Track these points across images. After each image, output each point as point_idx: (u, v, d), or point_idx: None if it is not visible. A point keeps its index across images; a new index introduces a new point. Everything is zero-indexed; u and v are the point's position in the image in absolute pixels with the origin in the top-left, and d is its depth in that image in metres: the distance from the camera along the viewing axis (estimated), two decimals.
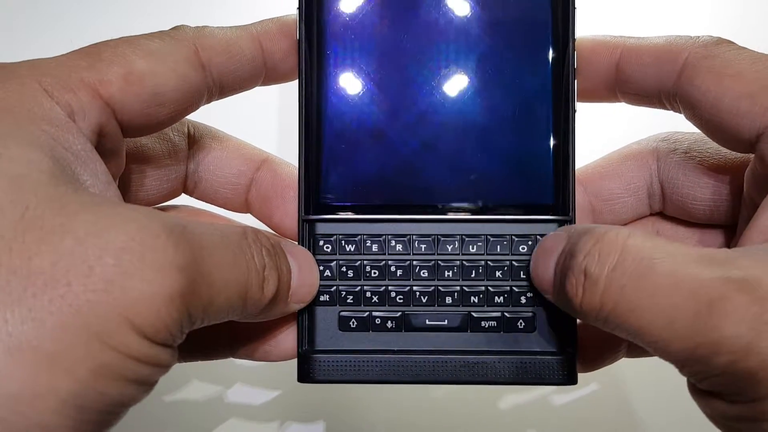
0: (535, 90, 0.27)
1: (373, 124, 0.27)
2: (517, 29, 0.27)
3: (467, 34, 0.27)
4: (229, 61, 0.25)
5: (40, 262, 0.17)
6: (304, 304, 0.26)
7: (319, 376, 0.26)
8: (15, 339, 0.16)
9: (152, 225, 0.19)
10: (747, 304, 0.19)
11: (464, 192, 0.27)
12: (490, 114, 0.27)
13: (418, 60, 0.27)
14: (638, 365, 0.31)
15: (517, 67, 0.27)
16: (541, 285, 0.25)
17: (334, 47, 0.27)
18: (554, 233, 0.25)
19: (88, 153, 0.21)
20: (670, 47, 0.25)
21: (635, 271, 0.21)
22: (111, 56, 0.23)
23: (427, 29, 0.27)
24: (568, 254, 0.23)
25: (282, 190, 0.28)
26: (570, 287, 0.22)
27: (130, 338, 0.18)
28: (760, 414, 0.19)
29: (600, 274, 0.21)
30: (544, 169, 0.27)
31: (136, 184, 0.27)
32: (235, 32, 0.26)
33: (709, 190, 0.27)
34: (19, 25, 0.42)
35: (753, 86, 0.23)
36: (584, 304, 0.22)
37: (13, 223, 0.17)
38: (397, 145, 0.27)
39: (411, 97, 0.27)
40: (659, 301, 0.20)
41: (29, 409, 0.17)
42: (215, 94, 0.26)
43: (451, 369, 0.26)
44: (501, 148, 0.27)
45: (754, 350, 0.19)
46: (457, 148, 0.27)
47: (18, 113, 0.20)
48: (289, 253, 0.25)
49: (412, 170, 0.27)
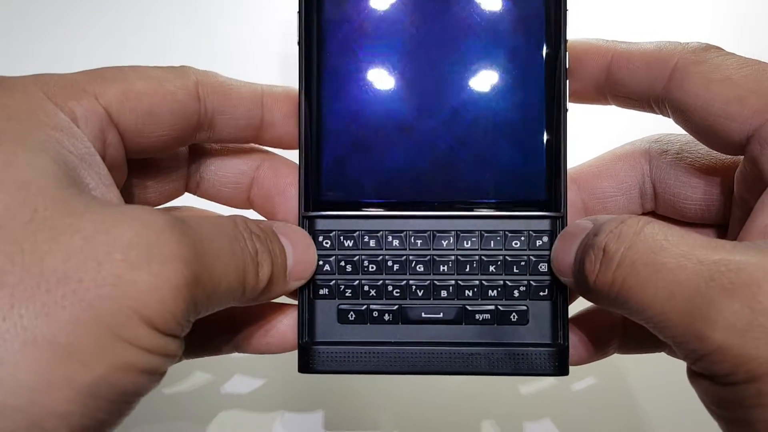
0: (529, 90, 0.27)
1: (371, 123, 0.27)
2: (511, 30, 0.27)
3: (464, 35, 0.27)
4: (226, 102, 0.26)
5: (51, 261, 0.18)
6: (304, 281, 0.27)
7: (318, 366, 0.27)
8: (30, 333, 0.17)
9: (156, 221, 0.19)
10: (745, 285, 0.20)
11: (459, 189, 0.27)
12: (485, 113, 0.27)
13: (414, 60, 0.27)
14: (638, 363, 0.31)
15: (511, 67, 0.27)
16: (561, 268, 0.26)
17: (333, 46, 0.27)
18: (579, 221, 0.26)
19: (91, 156, 0.22)
20: (659, 52, 0.26)
21: (647, 249, 0.22)
22: (113, 76, 0.24)
23: (423, 30, 0.27)
24: (592, 235, 0.24)
25: (283, 187, 0.28)
26: (589, 264, 0.23)
27: (140, 330, 0.18)
28: (748, 398, 0.20)
29: (617, 251, 0.22)
30: (537, 167, 0.27)
31: (139, 185, 0.28)
32: (240, 82, 0.27)
33: (700, 191, 0.28)
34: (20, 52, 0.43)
35: (741, 90, 0.24)
36: (598, 281, 0.23)
37: (23, 225, 0.18)
38: (395, 144, 0.27)
39: (408, 97, 0.27)
40: (664, 277, 0.21)
41: (45, 399, 0.17)
42: (207, 129, 0.26)
43: (447, 360, 0.27)
44: (495, 145, 0.27)
45: (748, 328, 0.19)
46: (452, 146, 0.27)
47: (23, 120, 0.21)
48: (283, 234, 0.25)
49: (409, 168, 0.27)
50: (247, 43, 0.42)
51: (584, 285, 0.24)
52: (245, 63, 0.40)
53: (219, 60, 0.40)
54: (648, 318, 0.22)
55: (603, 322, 0.28)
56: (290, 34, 0.28)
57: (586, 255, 0.23)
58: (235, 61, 0.40)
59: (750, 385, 0.20)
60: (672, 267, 0.21)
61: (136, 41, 0.42)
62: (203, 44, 0.42)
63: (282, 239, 0.25)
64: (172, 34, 0.42)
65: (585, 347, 0.28)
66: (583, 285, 0.24)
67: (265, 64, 0.41)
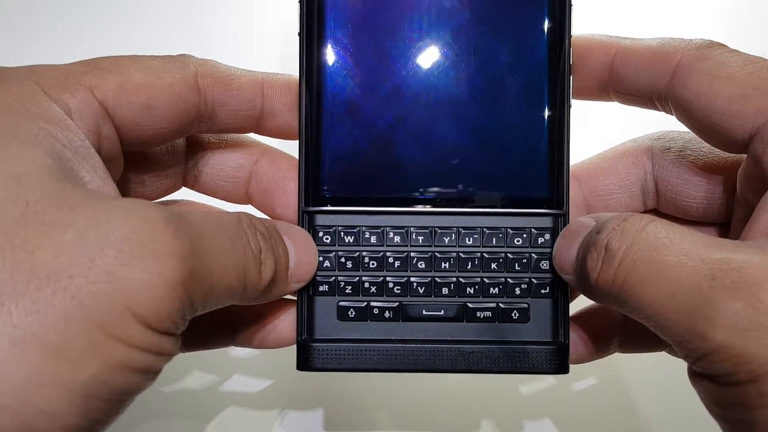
0: (532, 86, 0.27)
1: (372, 117, 0.27)
2: (514, 26, 0.27)
3: (467, 32, 0.27)
4: (227, 93, 0.26)
5: (42, 256, 0.17)
6: (305, 283, 0.27)
7: (317, 364, 0.27)
8: (20, 331, 0.17)
9: (151, 216, 0.19)
10: (747, 284, 0.20)
11: (461, 185, 0.27)
12: (488, 109, 0.27)
13: (417, 56, 0.27)
14: (639, 363, 0.31)
15: (515, 63, 0.27)
16: (563, 266, 0.26)
17: (334, 40, 0.27)
18: (581, 219, 0.26)
19: (86, 149, 0.21)
20: (663, 49, 0.26)
21: (649, 247, 0.21)
22: (109, 66, 0.23)
23: (427, 26, 0.27)
24: (594, 232, 0.24)
25: (282, 181, 0.28)
26: (590, 261, 0.23)
27: (132, 328, 0.18)
28: (749, 399, 0.20)
29: (619, 249, 0.22)
30: (540, 164, 0.27)
31: (135, 179, 0.27)
32: (240, 71, 0.26)
33: (702, 189, 0.28)
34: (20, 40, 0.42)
35: (745, 88, 0.24)
36: (600, 279, 0.23)
37: (14, 219, 0.18)
38: (397, 139, 0.27)
39: (411, 92, 0.27)
40: (665, 275, 0.21)
41: (35, 398, 0.17)
42: (206, 121, 0.26)
43: (447, 358, 0.27)
44: (498, 142, 0.27)
45: (750, 327, 0.19)
46: (455, 142, 0.27)
47: (17, 112, 0.20)
48: (286, 234, 0.25)
49: (411, 164, 0.27)
50: (246, 30, 0.42)
51: (586, 283, 0.24)
52: (243, 50, 0.40)
53: (216, 45, 0.40)
54: (649, 316, 0.22)
55: (603, 320, 0.28)
56: (292, 22, 0.27)
57: (588, 252, 0.23)
58: (235, 46, 0.40)
59: (751, 386, 0.20)
60: (673, 265, 0.21)
61: (136, 30, 0.42)
62: (202, 30, 0.41)
63: (285, 240, 0.25)
64: (172, 19, 0.41)
65: (585, 346, 0.28)
66: (584, 283, 0.24)
67: (264, 52, 0.41)
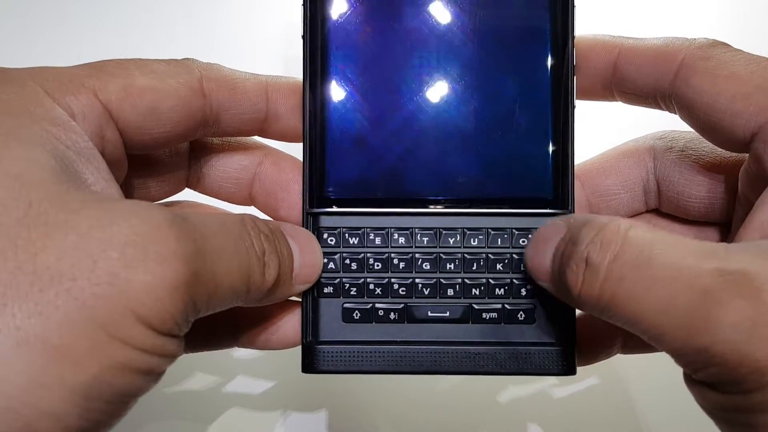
0: (536, 87, 0.27)
1: (376, 118, 0.27)
2: (518, 27, 0.27)
3: (471, 33, 0.27)
4: (232, 98, 0.26)
5: (45, 258, 0.17)
6: (310, 285, 0.26)
7: (322, 366, 0.27)
8: (23, 333, 0.17)
9: (154, 218, 0.19)
10: (741, 296, 0.19)
11: (466, 186, 0.27)
12: (492, 110, 0.27)
13: (420, 57, 0.27)
14: (638, 362, 0.31)
15: (518, 64, 0.27)
16: (538, 273, 0.25)
17: (338, 44, 0.27)
18: (551, 223, 0.25)
19: (89, 151, 0.21)
20: (666, 48, 0.26)
21: (635, 261, 0.21)
22: (114, 69, 0.23)
23: (430, 27, 0.27)
24: (570, 242, 0.23)
25: (286, 183, 0.28)
26: (571, 275, 0.22)
27: (135, 330, 0.18)
28: (754, 405, 0.20)
29: (601, 263, 0.21)
30: (544, 164, 0.27)
31: (138, 180, 0.27)
32: (245, 75, 0.26)
33: (704, 188, 0.28)
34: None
35: (747, 87, 0.24)
36: (583, 293, 0.22)
37: (17, 220, 0.18)
38: (401, 140, 0.27)
39: (414, 93, 0.27)
40: (656, 292, 0.20)
41: (38, 399, 0.17)
42: (211, 125, 0.26)
43: (453, 360, 0.27)
44: (502, 143, 0.27)
45: (748, 341, 0.19)
46: (459, 143, 0.27)
47: (20, 114, 0.20)
48: (290, 236, 0.25)
49: (415, 164, 0.27)
50: (250, 33, 0.42)
51: (567, 295, 0.23)
52: (247, 52, 0.40)
53: (219, 47, 0.40)
54: (642, 331, 0.21)
55: (606, 321, 0.28)
56: (295, 24, 0.28)
57: (566, 266, 0.22)
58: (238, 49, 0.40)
59: (754, 394, 0.19)
60: (664, 280, 0.20)
61: (138, 32, 0.42)
62: (205, 35, 0.41)
63: (289, 241, 0.25)
64: (176, 23, 0.42)
65: (588, 348, 0.28)
66: (565, 294, 0.23)
67: (268, 55, 0.41)
